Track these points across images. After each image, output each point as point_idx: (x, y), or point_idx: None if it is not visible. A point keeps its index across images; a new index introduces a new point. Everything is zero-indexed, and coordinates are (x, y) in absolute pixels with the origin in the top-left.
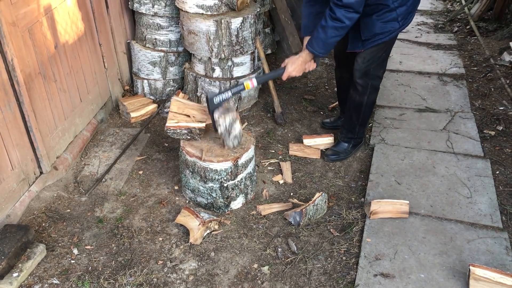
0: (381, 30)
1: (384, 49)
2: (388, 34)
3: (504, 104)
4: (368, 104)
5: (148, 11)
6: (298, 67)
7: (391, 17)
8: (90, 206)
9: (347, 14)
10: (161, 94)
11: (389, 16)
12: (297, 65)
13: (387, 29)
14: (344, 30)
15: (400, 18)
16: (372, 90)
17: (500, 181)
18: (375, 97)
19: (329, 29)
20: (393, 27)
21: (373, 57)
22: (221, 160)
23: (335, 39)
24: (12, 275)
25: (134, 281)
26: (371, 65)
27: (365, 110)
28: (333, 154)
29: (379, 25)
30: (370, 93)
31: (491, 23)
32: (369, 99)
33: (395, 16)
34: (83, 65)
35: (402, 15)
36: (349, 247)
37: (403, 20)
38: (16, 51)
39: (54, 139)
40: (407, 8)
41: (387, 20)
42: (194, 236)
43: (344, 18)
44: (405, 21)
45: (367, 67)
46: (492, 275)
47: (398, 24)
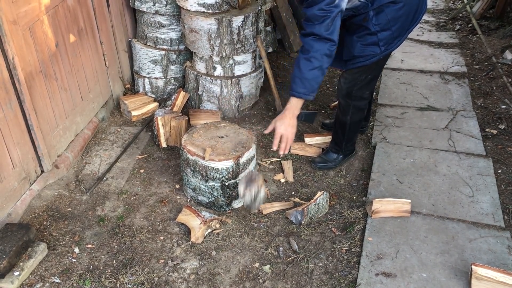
0: (361, 53)
1: (367, 72)
2: (369, 58)
3: (506, 103)
4: (352, 123)
5: (149, 9)
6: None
7: (372, 40)
8: (91, 205)
9: (314, 43)
10: (162, 92)
11: (370, 39)
12: (286, 121)
13: (367, 53)
14: (317, 60)
15: (382, 43)
16: (355, 110)
17: (502, 180)
18: (359, 117)
19: (301, 62)
20: (373, 51)
21: (354, 79)
22: (223, 159)
23: (312, 73)
24: (14, 274)
25: (135, 280)
26: (353, 87)
27: (349, 128)
28: (321, 162)
29: (358, 47)
30: (353, 114)
31: (493, 22)
32: (352, 119)
33: (376, 40)
34: (84, 64)
35: (385, 40)
36: (350, 246)
37: (386, 45)
38: (17, 50)
39: (55, 138)
40: (392, 33)
41: (367, 43)
42: (196, 235)
43: (311, 47)
44: (389, 46)
45: (349, 88)
46: (494, 274)
47: (380, 49)
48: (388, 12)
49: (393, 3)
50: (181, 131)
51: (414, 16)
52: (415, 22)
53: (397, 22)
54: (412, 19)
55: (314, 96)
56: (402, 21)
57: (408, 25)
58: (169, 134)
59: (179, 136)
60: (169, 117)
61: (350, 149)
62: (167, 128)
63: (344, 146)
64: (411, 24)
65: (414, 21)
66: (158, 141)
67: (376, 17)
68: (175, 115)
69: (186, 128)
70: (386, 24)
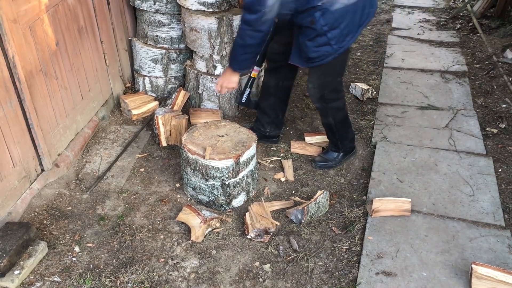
0: (315, 55)
1: (331, 72)
2: (324, 58)
3: (506, 102)
4: (337, 123)
5: (149, 8)
6: (222, 79)
7: (323, 41)
8: (92, 204)
9: (247, 32)
10: (162, 91)
11: (320, 40)
12: (223, 77)
13: (321, 53)
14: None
15: (334, 42)
16: (334, 111)
17: (503, 179)
18: (342, 115)
19: (236, 47)
20: (326, 51)
21: (322, 82)
22: (223, 158)
23: (244, 56)
24: (14, 272)
25: (136, 279)
26: (323, 90)
27: (337, 128)
28: (321, 161)
29: (312, 49)
30: (333, 114)
31: (494, 21)
32: (335, 119)
33: (327, 40)
34: (84, 62)
35: (335, 39)
36: (351, 245)
37: (339, 43)
38: (17, 48)
39: (56, 137)
40: (341, 31)
41: (319, 44)
42: (196, 234)
43: (244, 35)
44: (342, 43)
45: (320, 92)
46: (495, 273)
47: (332, 48)
48: (334, 11)
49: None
50: (181, 130)
51: (363, 11)
52: (368, 17)
53: (345, 19)
54: (361, 14)
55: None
56: (350, 18)
57: (359, 20)
58: (169, 133)
59: (179, 135)
60: (169, 116)
61: (349, 146)
62: (168, 127)
63: (341, 144)
64: (363, 19)
65: (366, 16)
66: (159, 140)
67: (322, 18)
68: (175, 114)
69: (187, 127)
70: (333, 23)
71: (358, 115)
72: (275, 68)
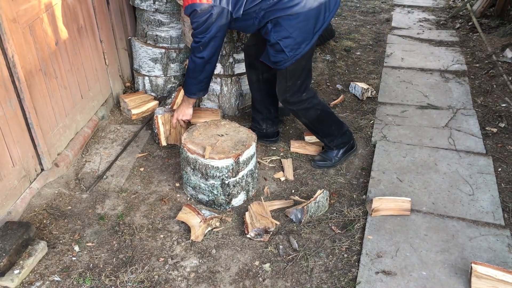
0: (275, 60)
1: (291, 77)
2: (282, 63)
3: (506, 101)
4: (312, 122)
5: (149, 8)
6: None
7: (278, 48)
8: (91, 203)
9: (192, 58)
10: (162, 91)
11: (277, 47)
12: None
13: (279, 59)
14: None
15: (288, 50)
16: (303, 112)
17: (502, 179)
18: (315, 113)
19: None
20: (283, 57)
21: (284, 87)
22: (223, 157)
23: (188, 80)
24: (14, 272)
25: (135, 278)
26: (285, 94)
27: (314, 127)
28: (321, 160)
29: (272, 54)
30: (304, 114)
31: (493, 20)
32: (308, 119)
33: (280, 48)
34: (84, 62)
35: (289, 47)
36: (350, 245)
37: (293, 51)
38: (17, 48)
39: (55, 136)
40: (294, 39)
41: (276, 50)
42: (195, 233)
43: (189, 60)
44: (297, 51)
45: (282, 95)
46: (494, 272)
47: (287, 55)
48: (284, 24)
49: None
50: (181, 130)
51: (317, 19)
52: (323, 24)
53: (296, 28)
54: (315, 22)
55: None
56: (301, 27)
57: (313, 29)
58: (169, 133)
59: (179, 135)
60: (169, 115)
61: (341, 142)
62: (167, 127)
63: (328, 142)
64: (316, 27)
65: (320, 23)
66: (158, 140)
67: (274, 29)
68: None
69: (186, 127)
70: (285, 33)
71: (358, 114)
72: (252, 62)
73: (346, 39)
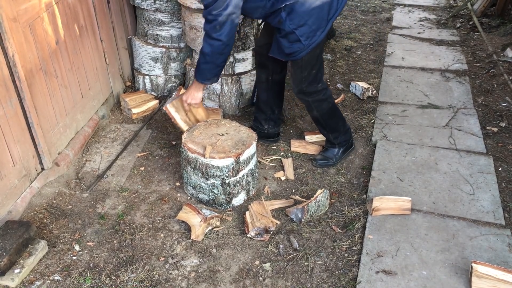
0: (289, 51)
1: (306, 67)
2: (298, 53)
3: (507, 101)
4: (323, 115)
5: (149, 7)
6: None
7: (293, 38)
8: (92, 203)
9: (206, 40)
10: (162, 90)
11: (291, 37)
12: (187, 92)
13: (294, 50)
14: (208, 56)
15: (304, 38)
16: (317, 103)
17: (503, 178)
18: (327, 106)
19: (199, 55)
20: (299, 47)
21: (299, 77)
22: (223, 157)
23: (205, 66)
24: (14, 271)
25: (136, 278)
26: (300, 85)
27: (324, 121)
28: (322, 159)
29: (286, 45)
30: (317, 107)
31: (494, 19)
32: (320, 112)
33: (296, 37)
34: (84, 61)
35: (305, 35)
36: (351, 244)
37: (309, 39)
38: (17, 47)
39: (56, 135)
40: (309, 27)
41: (291, 41)
42: (196, 233)
43: (204, 43)
44: (313, 39)
45: (298, 86)
46: (495, 272)
47: (303, 44)
48: (299, 10)
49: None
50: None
51: (331, 6)
52: (336, 11)
53: (311, 15)
54: (329, 9)
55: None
56: (317, 14)
57: (327, 15)
58: (186, 117)
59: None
60: (178, 100)
61: (344, 140)
62: (182, 112)
63: (333, 138)
64: (330, 14)
65: (334, 10)
66: (179, 128)
67: (288, 17)
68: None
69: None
70: (300, 21)
71: (358, 113)
72: (263, 62)
73: (346, 38)
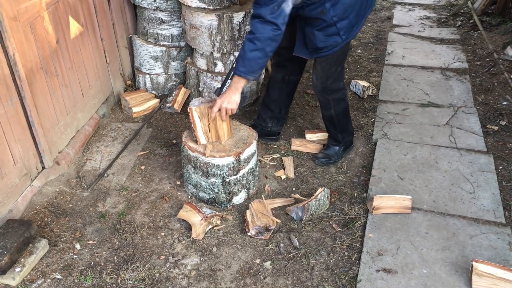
0: (324, 44)
1: (336, 64)
2: (332, 47)
3: (507, 99)
4: (338, 114)
5: (149, 6)
6: (221, 99)
7: (332, 31)
8: (92, 201)
9: (259, 25)
10: (163, 89)
11: (330, 30)
12: (227, 95)
13: (330, 43)
14: (259, 42)
15: (343, 32)
16: (336, 102)
17: (503, 177)
18: (344, 106)
19: (245, 42)
20: (335, 41)
21: (326, 73)
22: (223, 156)
23: (253, 54)
24: (15, 270)
25: (136, 276)
26: (326, 81)
27: (338, 120)
28: (324, 157)
29: (321, 38)
30: (335, 106)
31: (495, 18)
32: (337, 111)
33: (336, 30)
34: (84, 60)
35: (344, 29)
36: (351, 243)
37: (347, 33)
38: (18, 46)
39: (56, 134)
40: (350, 21)
41: (328, 34)
42: (196, 231)
43: (255, 29)
44: (349, 34)
45: (323, 83)
46: (495, 270)
47: (341, 38)
48: (344, 2)
49: None
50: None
51: (367, 2)
52: (369, 8)
53: (354, 10)
54: (366, 5)
55: (257, 77)
56: (357, 8)
57: (364, 11)
58: (208, 127)
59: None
60: (206, 106)
61: (348, 139)
62: (205, 121)
63: (341, 137)
64: (366, 10)
65: (368, 7)
66: (196, 137)
67: (333, 9)
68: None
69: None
70: (343, 14)
71: (359, 112)
72: (282, 62)
73: None
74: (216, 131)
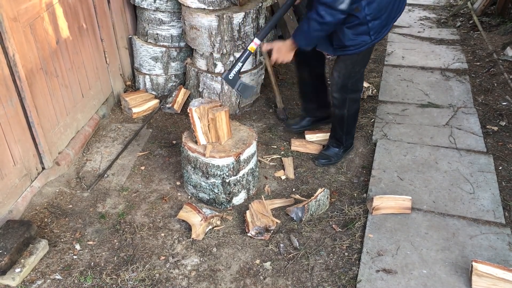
0: (352, 43)
1: (360, 64)
2: (359, 47)
3: (507, 100)
4: (350, 116)
5: (149, 6)
6: (278, 52)
7: (363, 30)
8: (92, 202)
9: (328, 11)
10: (163, 89)
11: (361, 29)
12: (282, 52)
13: (358, 42)
14: (327, 26)
15: (373, 32)
16: (351, 103)
17: (503, 177)
18: (356, 107)
19: (312, 22)
20: (364, 40)
21: (349, 72)
22: (223, 156)
23: (317, 33)
24: (15, 270)
25: (136, 277)
26: (348, 80)
27: (348, 122)
28: (324, 158)
29: (349, 36)
30: (349, 106)
31: (494, 18)
32: (349, 112)
33: (367, 29)
34: (84, 61)
35: (375, 29)
36: (351, 243)
37: (376, 34)
38: (18, 47)
39: (56, 135)
40: (381, 22)
41: (358, 32)
42: (196, 232)
43: (325, 14)
44: (378, 35)
45: (344, 81)
46: (495, 271)
47: (370, 38)
48: (380, 2)
49: None
50: (221, 125)
51: (399, 5)
52: (400, 11)
53: (386, 10)
54: (397, 8)
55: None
56: (389, 10)
57: (395, 14)
58: (207, 128)
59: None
60: (206, 107)
61: (350, 142)
62: (205, 121)
63: (345, 140)
64: (396, 13)
65: (398, 10)
66: (195, 138)
67: (368, 7)
68: (213, 105)
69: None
70: (377, 13)
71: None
72: (304, 59)
73: None
74: (216, 132)
